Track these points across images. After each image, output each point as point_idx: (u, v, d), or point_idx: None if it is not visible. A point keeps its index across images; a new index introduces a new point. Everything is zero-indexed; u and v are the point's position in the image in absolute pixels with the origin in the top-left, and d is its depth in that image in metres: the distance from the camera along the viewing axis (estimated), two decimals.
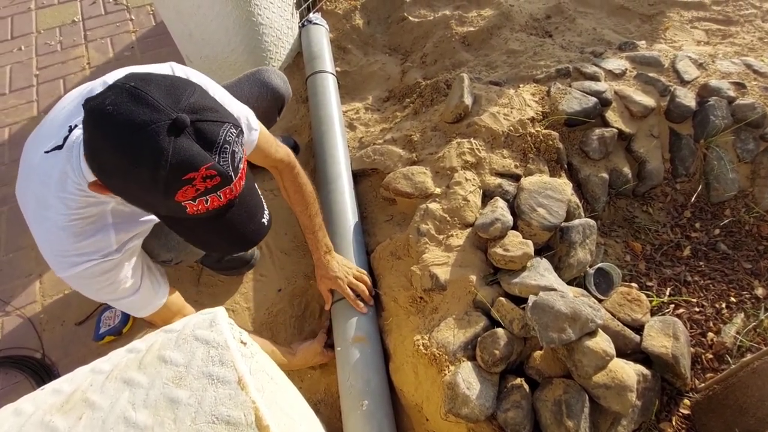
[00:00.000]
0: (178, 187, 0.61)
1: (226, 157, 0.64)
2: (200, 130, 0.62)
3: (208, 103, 0.66)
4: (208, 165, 0.62)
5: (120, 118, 0.59)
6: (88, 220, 0.79)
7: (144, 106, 0.60)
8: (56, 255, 0.80)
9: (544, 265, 1.08)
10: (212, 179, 0.63)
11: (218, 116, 0.65)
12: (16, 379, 1.30)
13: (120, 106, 0.60)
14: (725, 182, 1.44)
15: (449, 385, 0.94)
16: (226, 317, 0.51)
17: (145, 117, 0.59)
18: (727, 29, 1.95)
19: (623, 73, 1.57)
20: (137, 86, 0.61)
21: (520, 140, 1.37)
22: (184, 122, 0.60)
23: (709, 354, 1.15)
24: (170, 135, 0.60)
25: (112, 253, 0.82)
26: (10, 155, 1.81)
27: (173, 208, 0.65)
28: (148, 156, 0.59)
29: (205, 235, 0.73)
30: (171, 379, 0.44)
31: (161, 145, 0.59)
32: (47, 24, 2.32)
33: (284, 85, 1.31)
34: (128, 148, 0.59)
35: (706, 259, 1.35)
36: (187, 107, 0.62)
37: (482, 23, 1.95)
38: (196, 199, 0.64)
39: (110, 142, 0.60)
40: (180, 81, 0.66)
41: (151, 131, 0.59)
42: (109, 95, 0.61)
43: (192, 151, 0.61)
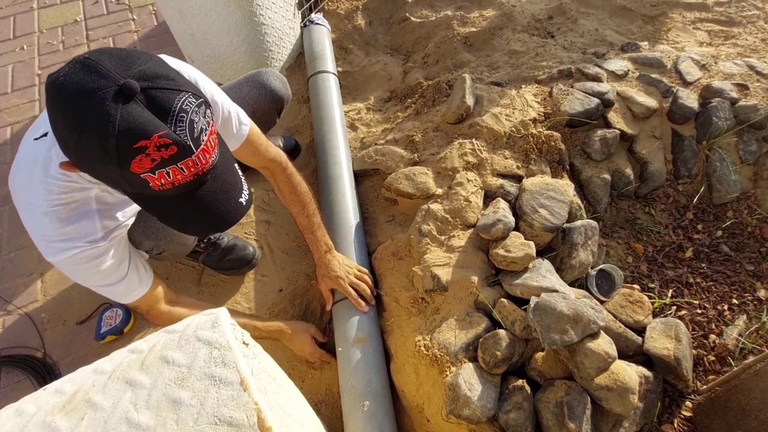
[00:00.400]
0: (131, 157, 0.59)
1: (182, 126, 0.62)
2: (152, 98, 0.60)
3: (162, 71, 0.63)
4: (162, 133, 0.59)
5: (69, 87, 0.59)
6: (71, 205, 0.79)
7: (93, 74, 0.59)
8: (43, 240, 0.80)
9: (545, 266, 1.08)
10: (168, 148, 0.60)
11: (174, 84, 0.63)
12: (17, 379, 1.30)
13: (71, 76, 0.60)
14: (728, 184, 1.43)
15: (450, 386, 0.94)
16: (229, 318, 0.51)
17: (92, 84, 0.59)
18: (729, 30, 1.95)
19: (625, 74, 1.57)
20: (90, 56, 0.61)
21: (522, 141, 1.36)
22: (132, 88, 0.59)
23: (711, 356, 1.15)
24: (117, 101, 0.58)
25: (98, 240, 0.83)
26: (12, 154, 1.81)
27: (135, 183, 0.63)
28: (95, 123, 0.58)
29: (179, 215, 0.71)
30: (173, 380, 0.44)
31: (107, 111, 0.58)
32: (49, 23, 2.32)
33: (283, 87, 1.32)
34: (76, 116, 0.59)
35: (708, 260, 1.35)
36: (137, 74, 0.61)
37: (484, 24, 1.95)
38: (155, 171, 0.62)
39: (61, 112, 0.60)
40: (137, 52, 0.65)
41: (97, 98, 0.58)
42: (65, 68, 0.61)
43: (143, 118, 0.59)
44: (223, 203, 0.72)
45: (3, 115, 1.95)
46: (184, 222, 0.73)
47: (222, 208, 0.72)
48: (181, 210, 0.69)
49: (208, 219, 0.72)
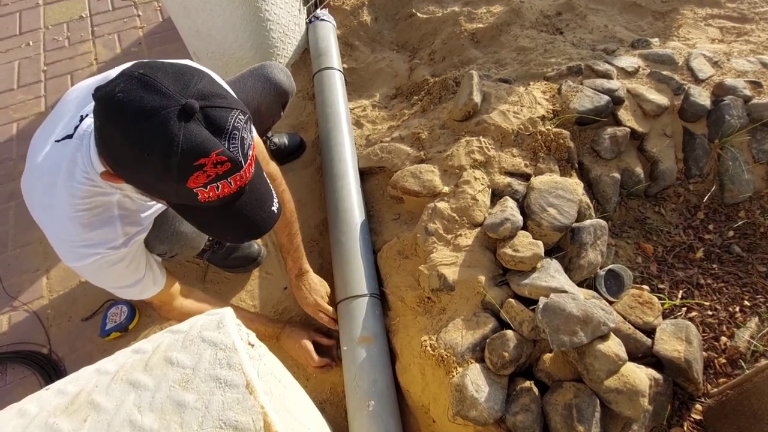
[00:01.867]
0: (190, 173, 0.61)
1: (236, 143, 0.64)
2: (209, 116, 0.62)
3: (216, 90, 0.65)
4: (219, 151, 0.62)
5: (130, 105, 0.59)
6: (94, 211, 0.79)
7: (153, 92, 0.60)
8: (64, 245, 0.81)
9: (554, 266, 1.07)
10: (223, 165, 0.63)
11: (227, 102, 0.65)
12: (23, 375, 1.30)
13: (129, 93, 0.60)
14: (740, 183, 1.41)
15: (457, 387, 0.93)
16: (234, 318, 0.50)
17: (154, 103, 0.59)
18: (742, 27, 1.91)
19: (636, 71, 1.54)
20: (146, 73, 0.61)
21: (530, 139, 1.35)
22: (193, 108, 0.60)
23: (722, 358, 1.13)
24: (180, 121, 0.60)
25: (118, 247, 0.84)
26: (18, 150, 1.81)
27: (185, 195, 0.65)
28: (160, 142, 0.59)
29: (217, 223, 0.73)
30: (177, 382, 0.43)
31: (172, 131, 0.59)
32: (55, 20, 2.32)
33: (288, 80, 1.31)
34: (139, 135, 0.60)
35: (719, 261, 1.33)
36: (195, 93, 0.62)
37: (492, 20, 1.93)
38: (207, 186, 0.64)
39: (121, 130, 0.60)
40: (188, 68, 0.66)
41: (161, 117, 0.59)
42: (119, 83, 0.62)
43: (202, 137, 0.61)
44: (258, 212, 0.74)
45: (9, 111, 1.95)
46: (222, 230, 0.75)
47: (257, 217, 0.74)
48: (220, 219, 0.71)
49: (245, 227, 0.74)
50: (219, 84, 0.68)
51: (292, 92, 1.34)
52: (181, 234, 1.08)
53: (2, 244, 1.56)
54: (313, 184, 1.62)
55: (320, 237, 1.51)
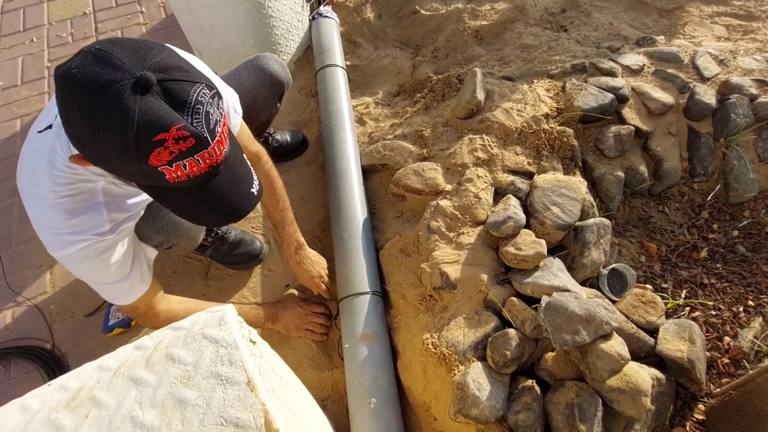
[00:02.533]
0: (150, 150, 0.59)
1: (200, 118, 0.61)
2: (169, 90, 0.59)
3: (176, 63, 0.62)
4: (180, 125, 0.59)
5: (84, 79, 0.57)
6: (78, 197, 0.78)
7: (108, 66, 0.58)
8: (49, 233, 0.79)
9: (557, 265, 1.06)
10: (186, 141, 0.60)
11: (188, 76, 0.62)
12: (26, 370, 1.31)
13: (84, 68, 0.58)
14: (745, 183, 1.40)
15: (459, 386, 0.93)
16: (236, 315, 0.50)
17: (108, 77, 0.57)
18: (748, 25, 1.89)
19: (641, 69, 1.53)
20: (102, 48, 0.59)
21: (534, 137, 1.34)
22: (149, 80, 0.58)
23: (725, 359, 1.12)
24: (135, 94, 0.57)
25: (105, 233, 0.81)
26: (21, 147, 1.82)
27: (151, 175, 0.62)
28: (114, 117, 0.57)
29: (192, 207, 0.70)
30: (179, 379, 0.43)
31: (126, 104, 0.56)
32: (59, 16, 2.33)
33: (282, 71, 1.29)
34: (93, 109, 0.57)
35: (723, 261, 1.32)
36: (152, 66, 0.59)
37: (495, 17, 1.92)
38: (173, 164, 0.61)
39: (77, 106, 0.59)
40: (148, 42, 0.63)
41: (114, 90, 0.57)
42: (76, 60, 0.60)
43: (161, 111, 0.58)
44: (236, 194, 0.71)
45: (13, 107, 1.96)
46: (198, 213, 0.72)
47: (235, 199, 0.71)
48: (194, 202, 0.69)
49: (222, 210, 0.71)
50: (181, 58, 0.65)
51: (287, 83, 1.32)
52: (176, 224, 1.06)
53: (6, 240, 1.56)
54: (316, 181, 1.62)
55: (322, 234, 1.51)
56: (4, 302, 1.43)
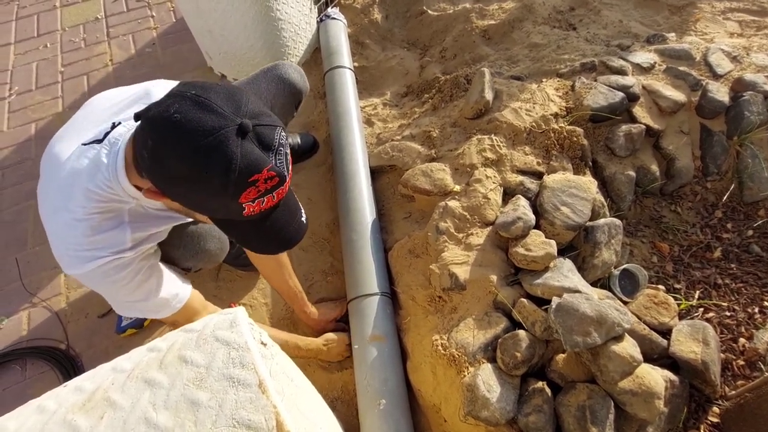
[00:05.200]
0: (244, 189, 0.64)
1: (282, 158, 0.67)
2: (259, 134, 0.65)
3: (263, 109, 0.68)
4: (269, 167, 0.65)
5: (189, 125, 0.61)
6: (105, 215, 0.79)
7: (210, 113, 0.62)
8: (69, 249, 0.78)
9: (567, 265, 1.05)
10: (272, 180, 0.66)
11: (272, 120, 0.68)
12: (41, 369, 1.33)
13: (187, 114, 0.61)
14: (760, 181, 1.37)
15: (469, 387, 0.92)
16: (247, 318, 0.50)
17: (213, 123, 0.61)
18: (762, 20, 1.86)
19: (652, 66, 1.51)
20: (199, 94, 0.63)
21: (543, 137, 1.33)
22: (248, 127, 0.63)
23: (740, 360, 1.10)
24: (237, 139, 0.62)
25: (125, 251, 0.81)
26: (36, 150, 1.85)
27: (233, 211, 0.68)
28: (220, 161, 0.61)
29: (255, 237, 0.76)
30: (192, 381, 0.44)
31: (231, 150, 0.61)
32: (71, 21, 2.36)
33: (302, 80, 1.30)
34: (199, 154, 0.61)
35: (737, 261, 1.30)
36: (248, 113, 0.65)
37: (503, 16, 1.91)
38: (255, 200, 0.67)
39: (179, 150, 0.61)
40: (234, 88, 0.68)
41: (220, 136, 0.61)
42: (172, 103, 0.63)
43: (255, 155, 0.64)
44: (291, 223, 0.77)
45: (27, 111, 1.99)
46: (259, 242, 0.78)
47: (291, 228, 0.78)
48: (257, 232, 0.74)
49: (279, 238, 0.77)
50: (262, 103, 0.70)
51: (305, 91, 1.33)
52: (206, 251, 1.11)
53: (22, 242, 1.59)
54: (324, 182, 1.63)
55: (331, 236, 1.51)
56: (20, 303, 1.46)
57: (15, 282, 1.50)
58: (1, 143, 1.89)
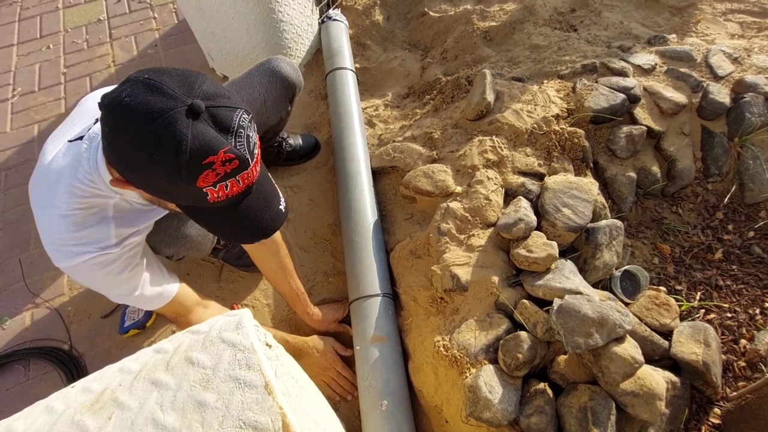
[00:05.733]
0: (200, 172, 0.63)
1: (242, 141, 0.66)
2: (215, 116, 0.64)
3: (219, 91, 0.67)
4: (227, 149, 0.63)
5: (138, 107, 0.60)
6: (89, 211, 0.80)
7: (160, 94, 0.61)
8: (54, 243, 0.80)
9: (569, 267, 1.06)
10: (231, 163, 0.64)
11: (230, 102, 0.66)
12: (45, 370, 1.34)
13: (136, 97, 0.61)
14: (761, 183, 1.37)
15: (470, 388, 0.93)
16: (252, 319, 0.51)
17: (161, 105, 0.60)
18: (763, 22, 1.86)
19: (653, 68, 1.52)
20: (151, 77, 0.62)
21: (544, 138, 1.33)
22: (199, 107, 0.61)
23: (741, 362, 1.11)
24: (188, 120, 0.61)
25: (110, 247, 0.82)
26: (39, 151, 1.86)
27: (195, 196, 0.66)
28: (168, 143, 0.60)
29: (226, 225, 0.74)
30: (198, 382, 0.44)
31: (180, 131, 0.60)
32: (74, 23, 2.37)
33: (294, 73, 1.30)
34: (148, 137, 0.60)
35: (739, 262, 1.30)
36: (200, 94, 0.63)
37: (504, 18, 1.91)
38: (217, 185, 0.65)
39: (130, 133, 0.61)
40: (191, 72, 0.67)
41: (169, 117, 0.60)
42: (125, 88, 0.63)
43: (210, 136, 0.62)
44: (265, 211, 0.76)
45: (30, 113, 2.00)
46: (232, 230, 0.75)
47: (266, 217, 0.76)
48: (228, 220, 0.73)
49: (252, 227, 0.75)
50: (221, 86, 0.69)
51: (299, 85, 1.34)
52: (186, 237, 1.09)
53: (25, 243, 1.60)
54: (326, 183, 1.64)
55: (333, 237, 1.52)
56: (23, 304, 1.47)
57: (18, 282, 1.51)
58: (5, 144, 1.89)
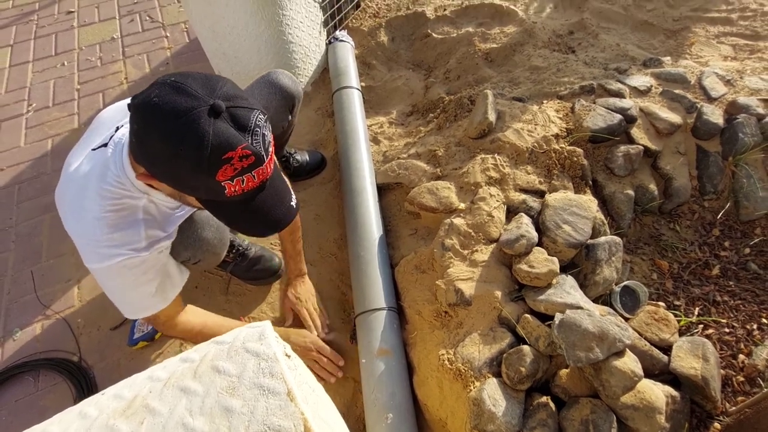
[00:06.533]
0: (219, 166, 0.68)
1: (258, 139, 0.71)
2: (234, 115, 0.70)
3: (238, 92, 0.73)
4: (244, 145, 0.69)
5: (165, 107, 0.67)
6: (121, 213, 0.85)
7: (184, 95, 0.68)
8: (90, 245, 0.85)
9: (569, 282, 1.09)
10: (248, 159, 0.70)
11: (248, 103, 0.72)
12: (54, 381, 1.36)
13: (164, 97, 0.68)
14: (755, 201, 1.42)
15: (475, 402, 0.95)
16: (273, 331, 0.54)
17: (186, 104, 0.67)
18: (755, 44, 1.93)
19: (648, 89, 1.57)
20: (177, 80, 0.69)
21: (545, 156, 1.38)
22: (220, 107, 0.68)
23: (740, 376, 1.13)
24: (209, 118, 0.67)
25: (140, 250, 0.88)
26: (52, 165, 1.91)
27: (213, 190, 0.72)
28: (192, 138, 0.66)
29: (242, 218, 0.79)
30: (225, 389, 0.47)
31: (203, 128, 0.66)
32: (88, 41, 2.45)
33: (292, 84, 1.37)
34: (174, 132, 0.67)
35: (736, 278, 1.33)
36: (221, 95, 0.70)
37: (505, 40, 1.98)
38: (234, 179, 0.71)
39: (158, 129, 0.68)
40: (212, 75, 0.74)
41: (193, 116, 0.66)
42: (154, 89, 0.69)
43: (229, 133, 0.68)
44: (279, 206, 0.81)
45: (44, 128, 2.06)
46: (247, 223, 0.81)
47: (279, 211, 0.82)
48: (243, 213, 0.78)
49: (266, 221, 0.81)
50: (240, 89, 0.75)
51: (297, 95, 1.40)
52: (203, 240, 1.13)
53: (37, 255, 1.63)
54: (332, 199, 1.68)
55: (338, 251, 1.55)
56: (34, 315, 1.49)
57: (29, 294, 1.54)
58: (19, 158, 1.94)
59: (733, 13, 2.07)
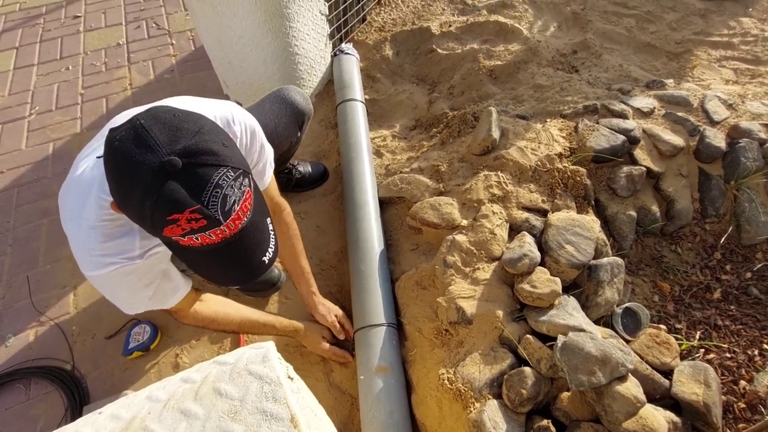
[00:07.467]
0: (164, 225, 0.64)
1: (216, 201, 0.65)
2: (192, 173, 0.64)
3: (207, 147, 0.66)
4: (193, 208, 0.64)
5: (120, 155, 0.65)
6: (116, 222, 0.84)
7: (142, 147, 0.64)
8: (84, 252, 0.85)
9: (572, 303, 1.08)
10: (198, 221, 0.65)
11: (216, 160, 0.66)
12: (45, 390, 1.33)
13: (124, 143, 0.65)
14: (757, 225, 1.42)
15: (475, 423, 0.94)
16: (276, 352, 0.53)
17: (139, 157, 0.63)
18: (756, 69, 1.95)
19: (651, 111, 1.58)
20: (144, 125, 0.65)
21: (548, 175, 1.38)
22: (175, 165, 0.63)
23: (741, 403, 1.12)
24: (158, 177, 0.63)
25: (134, 258, 0.87)
26: (53, 169, 1.90)
27: (166, 240, 0.70)
28: (137, 194, 0.64)
29: (203, 267, 0.75)
30: (226, 413, 0.46)
31: (150, 186, 0.63)
32: (94, 46, 2.46)
33: (304, 101, 1.37)
34: (123, 182, 0.66)
35: (737, 303, 1.33)
36: (183, 149, 0.64)
37: (509, 57, 2.00)
38: (185, 236, 0.66)
39: (112, 173, 0.67)
40: (189, 120, 0.68)
41: (142, 171, 0.63)
42: (122, 130, 0.67)
43: (177, 195, 0.63)
44: (247, 262, 0.74)
45: (46, 131, 2.05)
46: (208, 273, 0.76)
47: (247, 266, 0.74)
48: (205, 263, 0.73)
49: (230, 274, 0.75)
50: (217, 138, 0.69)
51: (308, 113, 1.40)
52: None
53: (33, 260, 1.62)
54: (334, 211, 1.67)
55: (339, 264, 1.54)
56: (28, 321, 1.47)
57: (24, 299, 1.52)
58: (19, 161, 1.94)
59: (735, 37, 2.10)
